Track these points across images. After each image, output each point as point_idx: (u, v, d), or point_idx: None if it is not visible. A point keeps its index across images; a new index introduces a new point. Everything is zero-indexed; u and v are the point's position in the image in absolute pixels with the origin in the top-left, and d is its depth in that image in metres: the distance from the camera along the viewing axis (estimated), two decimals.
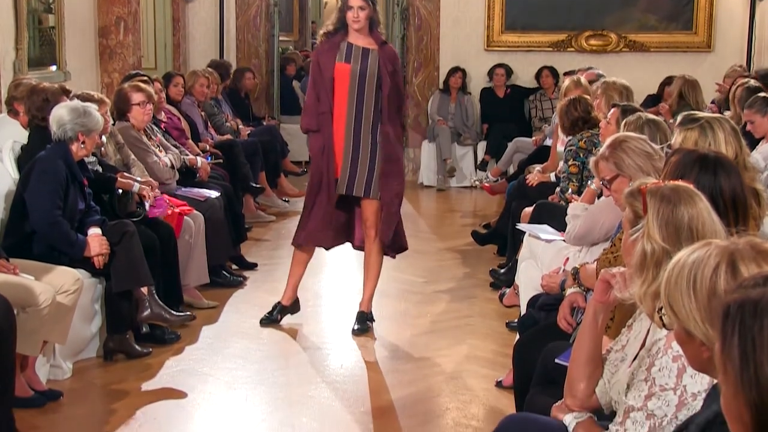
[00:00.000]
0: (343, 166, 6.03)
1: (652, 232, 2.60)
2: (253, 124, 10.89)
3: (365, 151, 6.01)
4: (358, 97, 5.97)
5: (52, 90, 5.85)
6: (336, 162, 6.04)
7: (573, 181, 6.26)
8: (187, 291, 6.48)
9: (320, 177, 6.09)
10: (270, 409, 4.91)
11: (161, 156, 7.17)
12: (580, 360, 2.98)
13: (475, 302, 6.88)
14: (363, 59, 5.96)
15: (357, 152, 6.01)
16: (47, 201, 5.27)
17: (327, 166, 6.04)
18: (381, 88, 5.98)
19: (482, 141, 11.78)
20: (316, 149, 6.10)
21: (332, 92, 6.00)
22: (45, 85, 6.05)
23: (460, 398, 5.07)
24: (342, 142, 6.02)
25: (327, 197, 6.08)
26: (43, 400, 4.87)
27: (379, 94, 5.99)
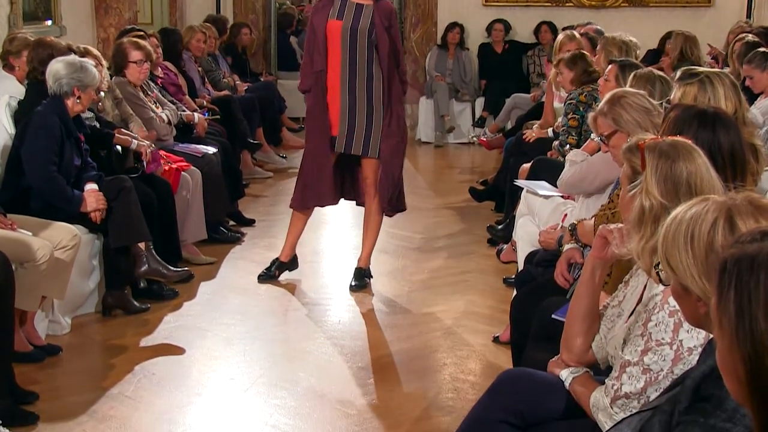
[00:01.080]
0: (340, 125, 6.01)
1: (650, 187, 2.59)
2: (250, 80, 10.84)
3: (361, 108, 5.99)
4: (350, 53, 5.94)
5: (58, 46, 5.82)
6: (332, 121, 6.03)
7: (572, 135, 6.25)
8: (185, 247, 6.49)
9: (317, 137, 6.07)
10: (268, 365, 4.94)
11: (158, 112, 7.15)
12: (576, 315, 3.00)
13: (473, 258, 6.89)
14: (356, 15, 5.91)
15: (354, 110, 5.99)
16: (43, 157, 5.25)
17: (323, 126, 6.03)
18: (378, 44, 5.94)
19: (480, 97, 11.74)
20: (312, 109, 6.08)
21: (325, 51, 5.97)
22: (52, 39, 6.01)
23: (458, 353, 5.09)
24: (338, 101, 6.00)
25: (325, 157, 6.07)
26: (42, 355, 4.89)
27: (374, 51, 5.95)
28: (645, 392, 2.58)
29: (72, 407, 4.35)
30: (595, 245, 3.00)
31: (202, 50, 9.61)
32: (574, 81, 6.52)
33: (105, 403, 4.44)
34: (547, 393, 2.93)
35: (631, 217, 2.62)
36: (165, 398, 4.50)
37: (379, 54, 5.94)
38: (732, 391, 1.57)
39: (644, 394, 2.58)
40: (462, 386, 4.66)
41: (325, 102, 6.02)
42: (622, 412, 2.60)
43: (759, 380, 1.48)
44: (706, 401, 1.95)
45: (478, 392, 4.15)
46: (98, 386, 4.63)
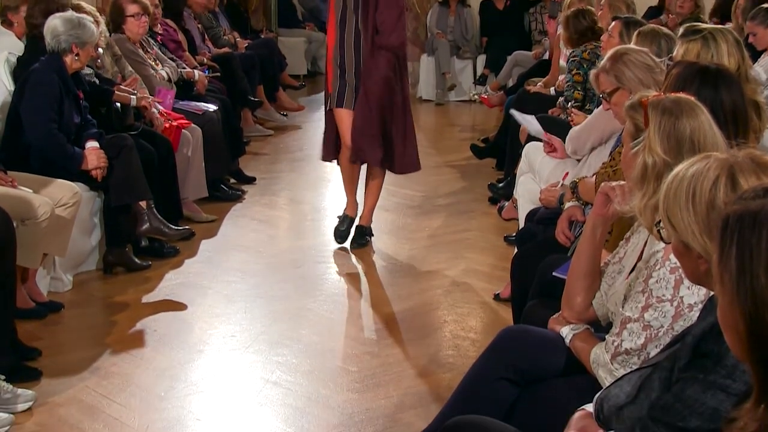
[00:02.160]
0: (333, 81, 6.01)
1: (653, 144, 2.58)
2: (250, 38, 10.77)
3: (350, 65, 5.96)
4: (342, 11, 5.93)
5: (57, 2, 5.78)
6: (328, 77, 6.04)
7: (578, 90, 6.23)
8: (185, 205, 6.49)
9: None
10: (269, 322, 4.95)
11: (158, 69, 7.11)
12: (577, 273, 3.00)
13: (474, 216, 6.89)
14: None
15: (342, 67, 5.98)
16: (42, 114, 5.23)
17: (325, 82, 6.07)
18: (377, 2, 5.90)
19: (481, 54, 11.68)
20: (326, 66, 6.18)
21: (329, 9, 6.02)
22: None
23: (458, 311, 5.11)
24: (331, 58, 6.01)
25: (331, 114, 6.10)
26: (45, 312, 4.91)
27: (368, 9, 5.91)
28: (645, 348, 2.59)
29: (74, 363, 4.38)
30: (597, 203, 3.00)
31: (202, 7, 9.55)
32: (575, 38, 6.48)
33: (107, 359, 4.46)
34: (547, 350, 2.94)
35: (634, 175, 2.61)
36: (167, 355, 4.52)
37: (378, 11, 5.91)
38: (732, 348, 1.57)
39: (644, 351, 2.59)
40: (462, 343, 4.68)
41: (327, 59, 6.08)
42: (622, 368, 2.61)
43: (759, 336, 1.48)
44: (706, 358, 1.96)
45: (478, 349, 4.17)
46: (100, 343, 4.66)
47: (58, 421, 3.86)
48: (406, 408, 4.00)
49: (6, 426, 3.72)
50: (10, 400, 3.87)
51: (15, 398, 3.89)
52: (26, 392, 3.95)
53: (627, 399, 2.18)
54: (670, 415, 1.97)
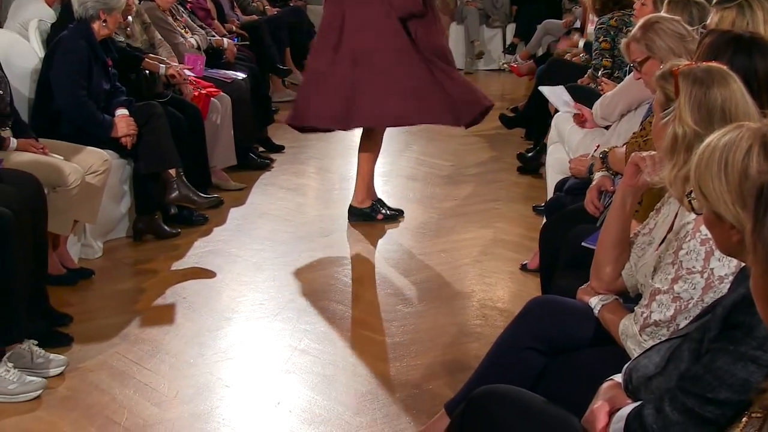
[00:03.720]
0: None
1: (684, 114, 2.56)
2: (279, 5, 10.74)
3: None
4: None
5: None
6: None
7: (606, 57, 6.17)
8: (214, 173, 6.51)
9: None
10: (297, 290, 4.97)
11: (187, 37, 7.11)
12: (607, 243, 2.98)
13: (502, 186, 6.87)
14: None
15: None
16: (71, 81, 5.25)
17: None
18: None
19: (511, 23, 11.59)
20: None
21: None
22: None
23: (486, 281, 5.11)
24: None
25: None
26: (75, 278, 4.96)
27: None
28: (674, 320, 2.57)
29: (105, 329, 4.42)
30: (627, 173, 2.97)
31: None
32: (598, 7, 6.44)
33: (137, 325, 4.50)
34: (576, 320, 2.93)
35: (664, 145, 2.59)
36: (195, 322, 4.55)
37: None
38: (764, 319, 1.56)
39: (673, 322, 2.58)
40: (490, 313, 4.68)
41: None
42: (651, 340, 2.60)
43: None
44: (736, 329, 1.95)
45: (506, 319, 4.17)
46: (130, 309, 4.69)
47: (89, 386, 3.90)
48: (433, 377, 4.01)
49: (38, 390, 3.77)
50: (42, 365, 3.92)
51: (47, 363, 3.93)
52: (58, 357, 4.00)
53: (656, 370, 2.17)
54: (700, 386, 1.97)
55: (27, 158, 4.67)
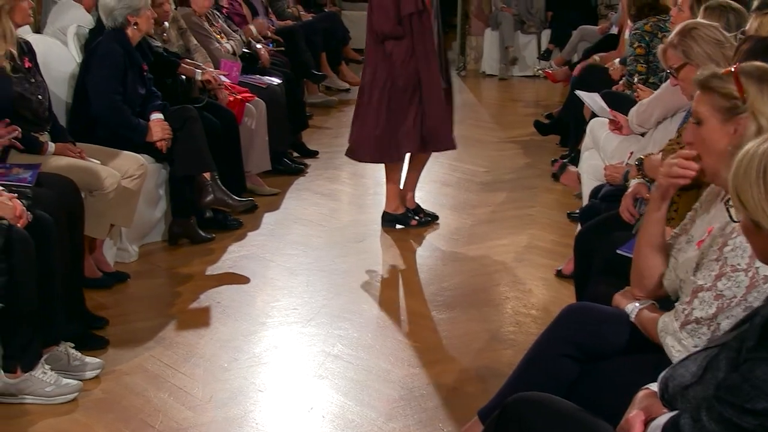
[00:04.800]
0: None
1: (763, 108, 2.55)
2: (314, 11, 10.78)
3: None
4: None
5: None
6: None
7: (641, 63, 6.14)
8: (249, 178, 6.54)
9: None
10: (331, 295, 4.98)
11: (222, 42, 7.15)
12: (646, 248, 2.93)
13: (537, 192, 6.85)
14: None
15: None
16: (106, 86, 5.30)
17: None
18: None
19: (546, 29, 11.56)
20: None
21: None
22: None
23: (520, 288, 5.09)
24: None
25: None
26: (111, 281, 5.00)
27: None
28: (716, 319, 2.54)
29: (140, 333, 4.45)
30: (656, 196, 2.93)
31: None
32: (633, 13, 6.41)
33: (171, 329, 4.52)
34: (611, 327, 2.91)
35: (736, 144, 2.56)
36: (230, 326, 4.57)
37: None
38: None
39: (715, 321, 2.54)
40: (524, 320, 4.67)
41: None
42: (691, 338, 2.57)
43: None
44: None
45: (540, 326, 4.16)
46: (165, 313, 4.72)
47: (124, 389, 3.92)
48: (466, 384, 4.00)
49: (74, 393, 3.81)
50: (78, 367, 3.95)
51: (83, 366, 3.97)
52: (94, 360, 4.03)
53: (693, 379, 2.16)
54: (737, 395, 1.95)
55: (65, 162, 4.71)
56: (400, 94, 5.81)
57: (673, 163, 2.79)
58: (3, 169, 4.31)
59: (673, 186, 2.83)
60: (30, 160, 4.51)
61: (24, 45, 4.80)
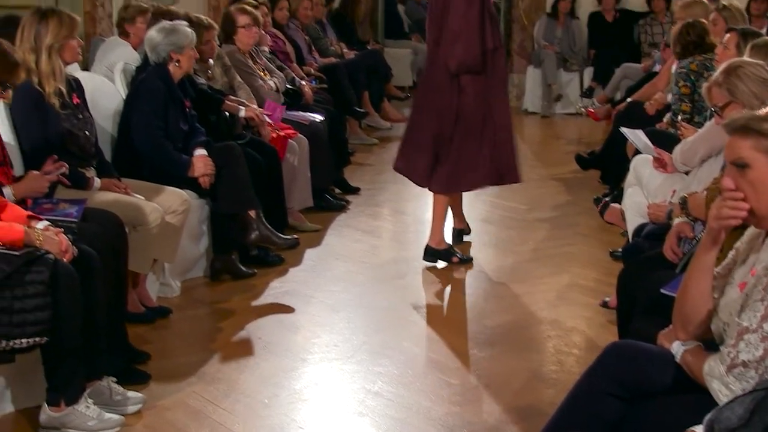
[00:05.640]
0: None
1: None
2: (357, 48, 10.86)
3: None
4: None
5: (179, 14, 5.94)
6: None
7: (685, 102, 6.12)
8: (291, 214, 6.56)
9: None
10: (372, 332, 4.97)
11: (266, 80, 7.22)
12: (691, 292, 2.88)
13: (578, 230, 6.82)
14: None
15: None
16: (148, 122, 5.36)
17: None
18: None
19: (589, 67, 11.55)
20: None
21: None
22: (170, 7, 6.14)
23: (562, 326, 5.05)
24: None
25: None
26: (154, 316, 5.03)
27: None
28: (764, 361, 2.49)
29: (182, 368, 4.47)
30: (707, 236, 2.88)
31: (309, 18, 9.68)
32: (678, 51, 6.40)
33: (213, 365, 4.54)
34: (655, 365, 2.87)
35: None
36: (271, 362, 4.58)
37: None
38: None
39: (763, 363, 2.50)
40: (566, 359, 4.63)
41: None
42: (739, 382, 2.53)
43: None
44: None
45: (582, 366, 4.12)
46: (206, 348, 4.74)
47: (166, 423, 3.94)
48: (508, 423, 3.97)
49: (116, 427, 3.82)
50: (120, 402, 3.97)
51: (125, 400, 3.99)
52: (136, 395, 4.05)
53: (739, 422, 2.12)
54: None
55: (109, 198, 4.77)
56: (472, 128, 5.86)
57: (722, 204, 2.74)
58: (50, 204, 4.37)
59: (724, 228, 2.78)
60: (76, 195, 4.58)
61: (73, 82, 4.89)
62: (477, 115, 5.83)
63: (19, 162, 4.60)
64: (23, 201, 4.26)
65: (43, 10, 4.72)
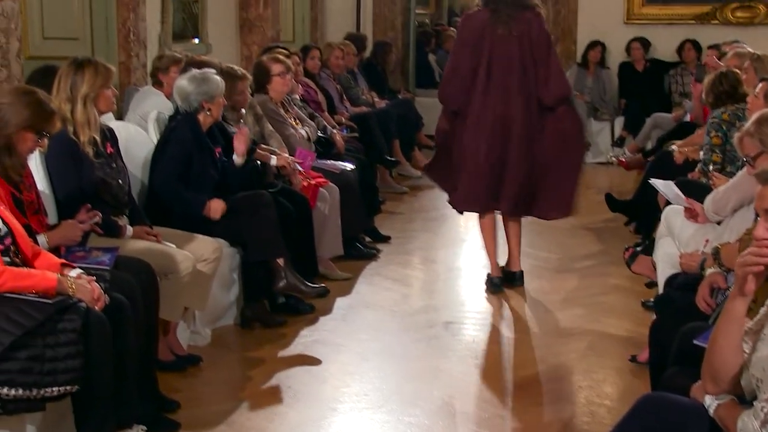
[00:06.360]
0: None
1: None
2: (388, 98, 10.94)
3: None
4: None
5: (212, 64, 6.02)
6: None
7: (716, 152, 6.10)
8: (321, 262, 6.57)
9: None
10: (402, 381, 4.95)
11: (298, 128, 7.27)
12: (721, 346, 2.85)
13: (610, 280, 6.77)
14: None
15: None
16: (166, 165, 5.45)
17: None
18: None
19: (619, 116, 11.56)
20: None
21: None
22: (205, 58, 6.23)
23: (593, 377, 5.01)
24: None
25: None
26: (184, 364, 5.03)
27: None
28: None
29: (211, 416, 4.45)
30: (737, 283, 2.85)
31: (341, 67, 9.76)
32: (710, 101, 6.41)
33: (242, 413, 4.52)
34: (689, 418, 2.83)
35: None
36: (300, 411, 4.56)
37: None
38: None
39: None
40: (598, 410, 4.58)
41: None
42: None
43: None
44: None
45: (614, 417, 4.07)
46: (236, 396, 4.73)
47: None
48: None
49: None
50: None
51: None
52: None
53: None
54: None
55: (141, 246, 4.80)
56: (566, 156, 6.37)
57: (747, 251, 2.73)
58: (83, 252, 4.40)
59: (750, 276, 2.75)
60: (109, 243, 4.61)
61: (107, 131, 4.95)
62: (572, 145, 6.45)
63: (53, 210, 4.66)
64: (57, 249, 4.30)
65: (80, 60, 4.79)
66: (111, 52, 7.33)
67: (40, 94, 4.10)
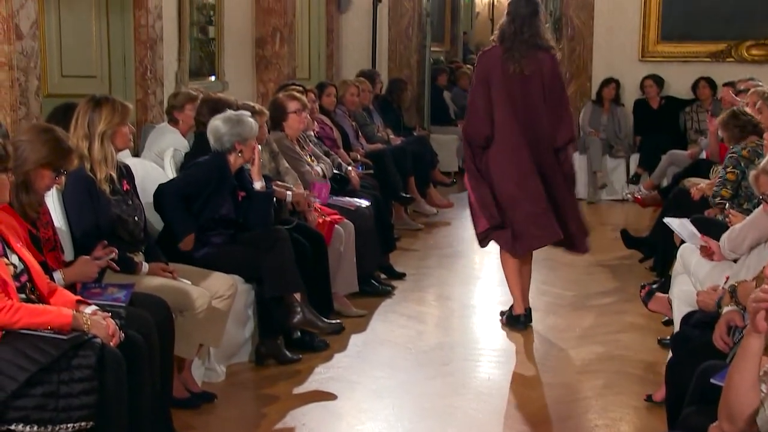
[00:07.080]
0: None
1: None
2: (403, 134, 10.97)
3: None
4: None
5: (229, 102, 6.06)
6: None
7: (726, 188, 6.09)
8: (336, 299, 6.57)
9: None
10: (417, 419, 4.93)
11: (313, 165, 7.30)
12: (738, 386, 2.82)
13: (626, 317, 6.74)
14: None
15: None
16: (179, 179, 5.51)
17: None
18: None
19: (635, 153, 11.55)
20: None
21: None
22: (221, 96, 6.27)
23: (610, 415, 4.98)
24: None
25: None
26: (198, 401, 5.01)
27: None
28: None
29: None
30: (751, 319, 2.83)
31: (355, 103, 9.80)
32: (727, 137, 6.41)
33: None
34: None
35: None
36: None
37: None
38: None
39: None
40: None
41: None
42: None
43: None
44: None
45: None
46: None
47: None
48: None
49: None
50: None
51: None
52: None
53: None
54: None
55: (157, 282, 4.81)
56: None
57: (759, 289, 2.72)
58: (98, 289, 4.42)
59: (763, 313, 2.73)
60: (124, 280, 4.62)
61: (123, 168, 4.98)
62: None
63: (69, 247, 4.68)
64: (73, 285, 4.32)
65: (98, 98, 4.83)
66: (128, 90, 7.38)
67: (58, 132, 4.13)
